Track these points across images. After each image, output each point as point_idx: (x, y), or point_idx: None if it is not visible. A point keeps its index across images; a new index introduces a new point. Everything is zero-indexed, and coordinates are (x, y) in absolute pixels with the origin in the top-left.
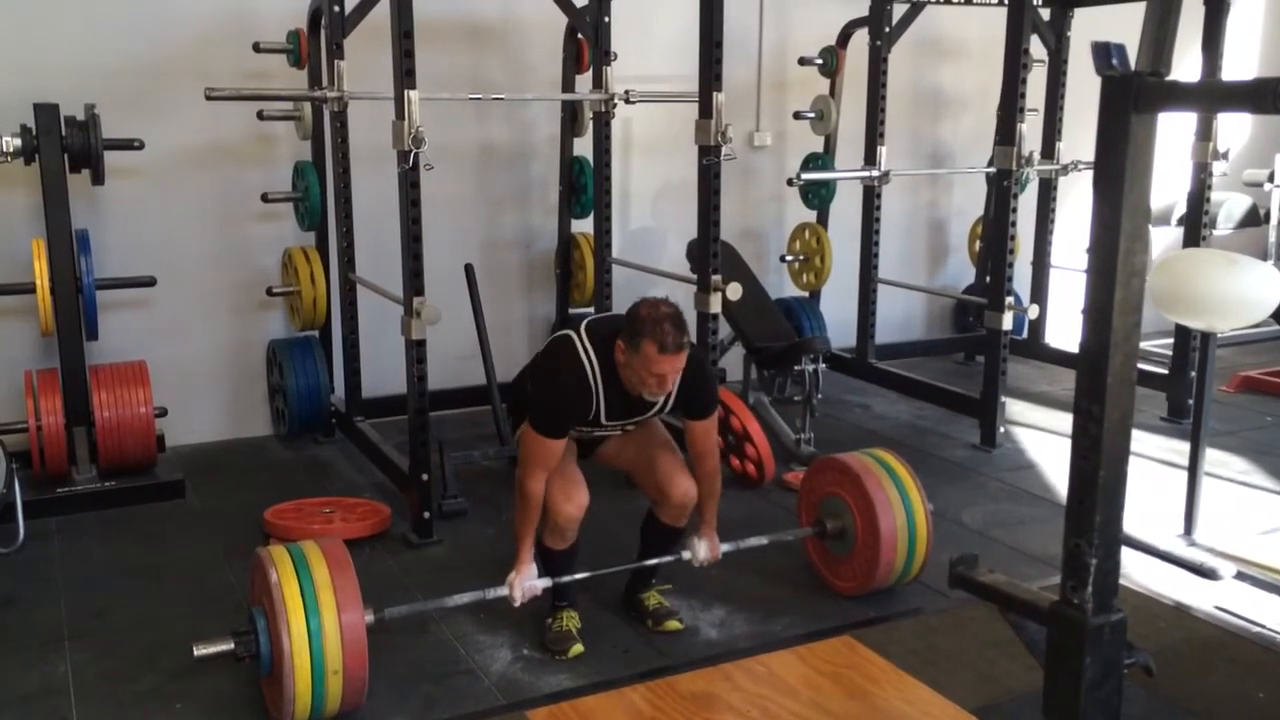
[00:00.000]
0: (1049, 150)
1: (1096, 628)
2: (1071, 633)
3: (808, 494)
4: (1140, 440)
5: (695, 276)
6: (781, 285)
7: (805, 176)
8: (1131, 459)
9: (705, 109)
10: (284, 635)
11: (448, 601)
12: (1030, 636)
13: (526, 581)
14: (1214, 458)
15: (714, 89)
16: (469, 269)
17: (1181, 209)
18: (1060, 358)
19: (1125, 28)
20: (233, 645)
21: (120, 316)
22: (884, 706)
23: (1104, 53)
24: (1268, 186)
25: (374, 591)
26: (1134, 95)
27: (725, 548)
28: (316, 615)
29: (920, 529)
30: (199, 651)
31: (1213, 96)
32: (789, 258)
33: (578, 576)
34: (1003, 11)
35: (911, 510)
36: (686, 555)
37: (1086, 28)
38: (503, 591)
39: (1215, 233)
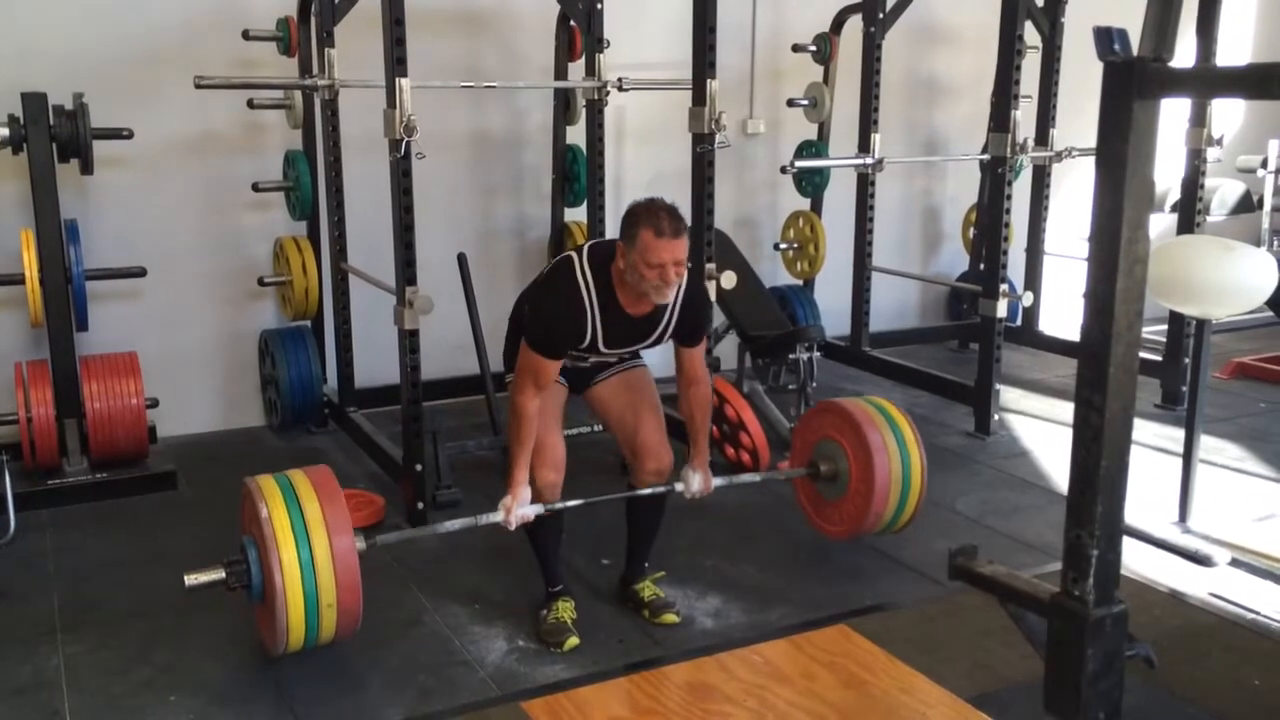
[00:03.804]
0: (1043, 137)
1: (1098, 619)
2: (1073, 625)
3: (803, 435)
4: (1134, 427)
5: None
6: (776, 273)
7: (799, 164)
8: None
9: (699, 96)
10: (275, 567)
11: (439, 528)
12: (1030, 627)
13: (520, 507)
14: (1208, 444)
15: (708, 76)
16: (462, 258)
17: (1175, 195)
18: (1054, 345)
19: (1120, 13)
20: (224, 575)
21: (110, 307)
22: (880, 695)
23: (1106, 38)
24: (1261, 173)
25: (368, 581)
26: (1136, 81)
27: (718, 482)
28: (307, 546)
29: (915, 479)
30: (190, 580)
31: (1216, 82)
32: (783, 246)
33: (570, 504)
34: None
35: (908, 459)
36: (679, 487)
37: (1081, 14)
38: (496, 517)
39: (1209, 219)
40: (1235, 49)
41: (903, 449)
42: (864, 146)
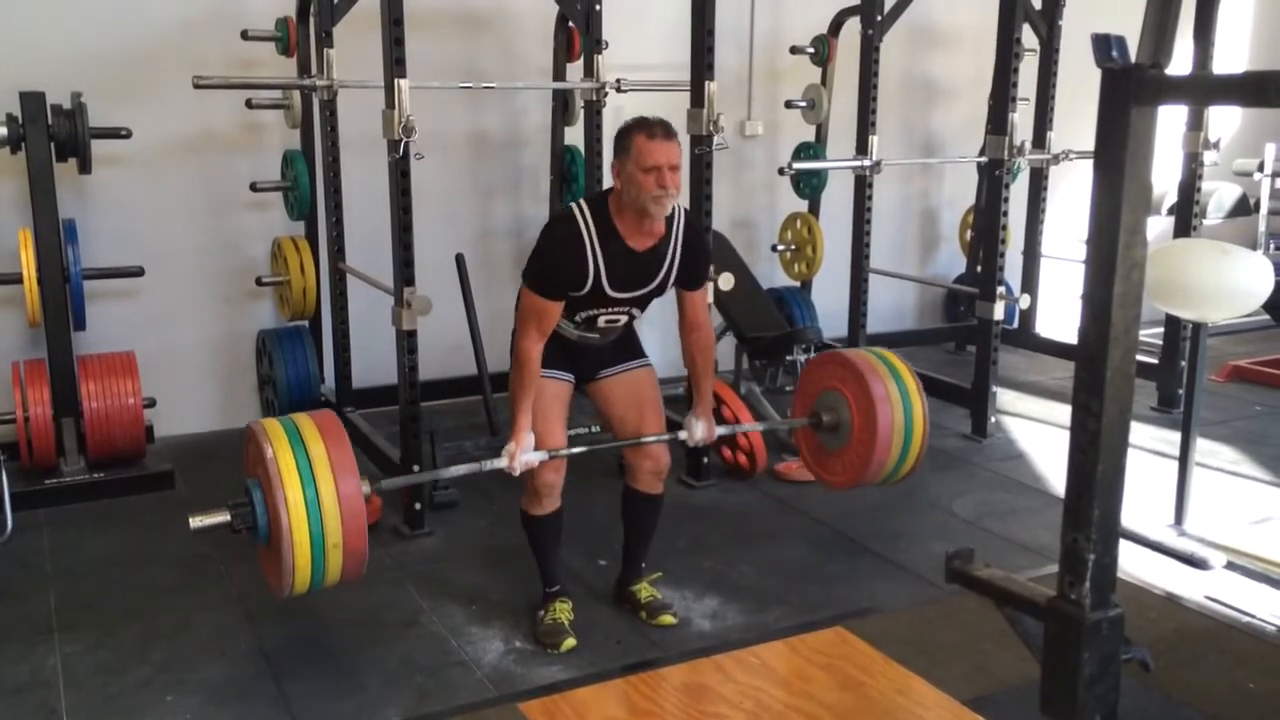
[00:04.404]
0: (1040, 140)
1: (1094, 623)
2: (1069, 628)
3: (805, 386)
4: (1131, 430)
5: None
6: (773, 275)
7: (797, 166)
8: None
9: (697, 98)
10: (280, 506)
11: (444, 473)
12: (1027, 631)
13: (524, 454)
14: (1204, 447)
15: (706, 78)
16: (460, 259)
17: (1172, 198)
18: (1051, 347)
19: (1117, 16)
20: (229, 517)
21: (108, 307)
22: (876, 697)
23: (1104, 45)
24: (1257, 176)
25: (365, 583)
26: (1134, 87)
27: (721, 431)
28: (313, 485)
29: (917, 428)
30: (195, 523)
31: (1213, 89)
32: (780, 247)
33: (575, 450)
34: (995, 0)
35: (910, 408)
36: (683, 435)
37: (1078, 17)
38: (500, 463)
39: (1205, 222)
40: (1232, 54)
41: (905, 398)
42: (862, 148)
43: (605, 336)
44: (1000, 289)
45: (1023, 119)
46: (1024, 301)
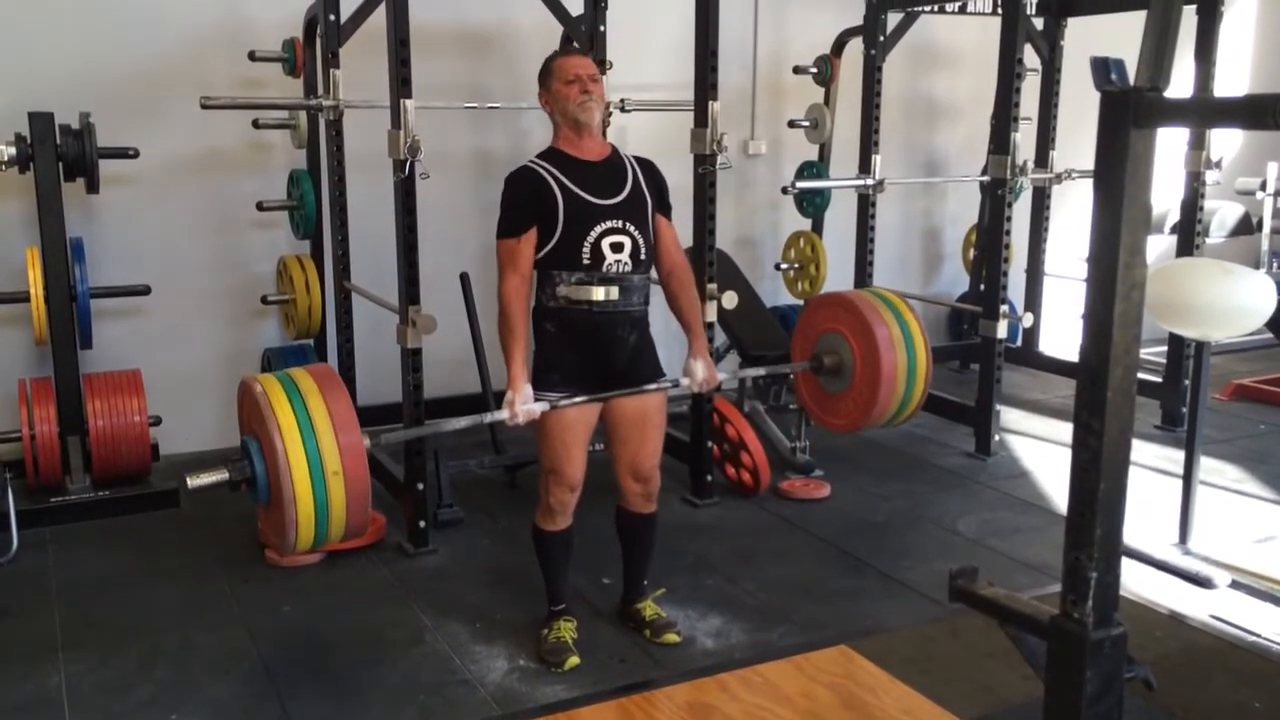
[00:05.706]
0: (1043, 159)
1: (1097, 642)
2: (1072, 647)
3: (804, 330)
4: (1134, 449)
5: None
6: (777, 293)
7: (800, 185)
8: None
9: (700, 118)
10: (278, 443)
11: (444, 425)
12: (1030, 649)
13: (524, 404)
14: (1208, 466)
15: (709, 98)
16: (464, 278)
17: (1175, 217)
18: (1055, 366)
19: (1118, 37)
20: (227, 475)
21: (114, 325)
22: (881, 716)
23: (1103, 68)
24: (1260, 195)
25: (369, 600)
26: (1133, 110)
27: (722, 376)
28: (311, 430)
29: (920, 365)
30: (193, 483)
31: (1211, 112)
32: (784, 266)
33: (576, 401)
34: (997, 21)
35: (913, 346)
36: (685, 381)
37: (1080, 37)
38: (502, 414)
39: (1208, 241)
40: (1234, 74)
41: (908, 338)
42: (864, 167)
43: (625, 294)
44: (1003, 307)
45: (1025, 138)
46: (1027, 320)
